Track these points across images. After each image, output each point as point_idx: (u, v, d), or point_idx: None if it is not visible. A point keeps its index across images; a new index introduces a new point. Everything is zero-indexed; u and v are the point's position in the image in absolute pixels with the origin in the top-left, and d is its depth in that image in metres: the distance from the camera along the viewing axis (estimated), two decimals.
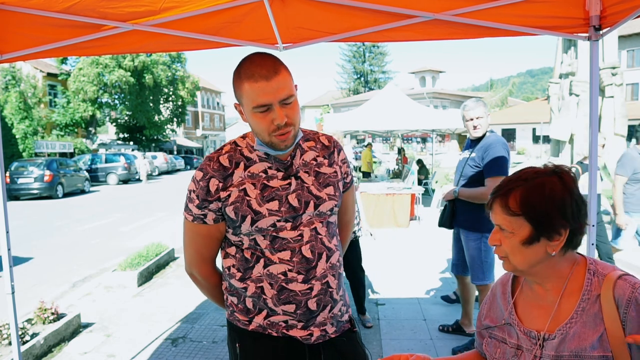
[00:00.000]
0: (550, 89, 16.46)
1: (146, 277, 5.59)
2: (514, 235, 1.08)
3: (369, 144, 17.13)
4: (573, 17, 2.31)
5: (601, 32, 2.28)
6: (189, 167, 34.10)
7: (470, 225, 3.31)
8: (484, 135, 3.25)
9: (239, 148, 1.43)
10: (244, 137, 1.46)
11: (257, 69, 1.29)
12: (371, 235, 4.12)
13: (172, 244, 6.63)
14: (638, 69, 32.83)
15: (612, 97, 14.43)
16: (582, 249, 2.44)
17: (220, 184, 1.36)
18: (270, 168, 1.40)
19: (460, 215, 3.39)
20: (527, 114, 35.24)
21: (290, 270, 1.37)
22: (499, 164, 3.08)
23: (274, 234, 1.37)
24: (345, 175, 1.55)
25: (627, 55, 33.37)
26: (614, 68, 14.44)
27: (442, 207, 3.61)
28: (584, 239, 2.39)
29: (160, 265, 6.07)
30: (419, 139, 36.29)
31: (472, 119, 3.27)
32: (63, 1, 2.18)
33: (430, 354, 3.39)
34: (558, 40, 15.50)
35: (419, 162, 13.76)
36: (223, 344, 3.71)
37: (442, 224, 3.62)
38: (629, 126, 14.95)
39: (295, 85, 1.37)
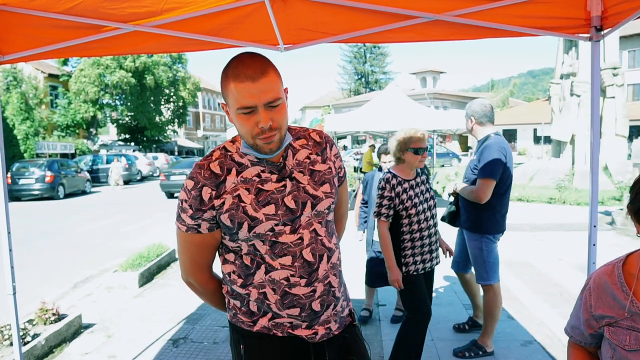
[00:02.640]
0: (552, 89, 16.47)
1: (147, 277, 5.59)
2: None
3: (372, 146, 17.16)
4: (574, 17, 2.31)
5: (602, 32, 2.27)
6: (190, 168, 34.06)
7: (470, 226, 3.36)
8: (487, 137, 3.27)
9: (229, 153, 1.38)
10: (233, 141, 1.42)
11: (244, 69, 1.24)
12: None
13: (173, 245, 6.61)
14: (639, 70, 32.80)
15: (614, 97, 14.43)
16: (584, 250, 2.43)
17: (214, 192, 1.32)
18: (263, 171, 1.36)
19: (462, 215, 3.46)
20: (528, 115, 35.26)
21: (292, 276, 1.35)
22: (490, 167, 3.12)
23: (273, 239, 1.34)
24: (339, 170, 1.53)
25: (629, 56, 33.35)
26: (615, 69, 14.45)
27: (449, 203, 3.63)
28: (586, 240, 2.38)
29: (161, 266, 6.08)
30: None
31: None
32: (65, 2, 2.18)
33: (431, 354, 3.41)
34: (559, 40, 15.50)
35: None
36: (224, 344, 3.71)
37: (442, 218, 3.66)
38: (630, 127, 14.93)
39: (286, 89, 1.34)
